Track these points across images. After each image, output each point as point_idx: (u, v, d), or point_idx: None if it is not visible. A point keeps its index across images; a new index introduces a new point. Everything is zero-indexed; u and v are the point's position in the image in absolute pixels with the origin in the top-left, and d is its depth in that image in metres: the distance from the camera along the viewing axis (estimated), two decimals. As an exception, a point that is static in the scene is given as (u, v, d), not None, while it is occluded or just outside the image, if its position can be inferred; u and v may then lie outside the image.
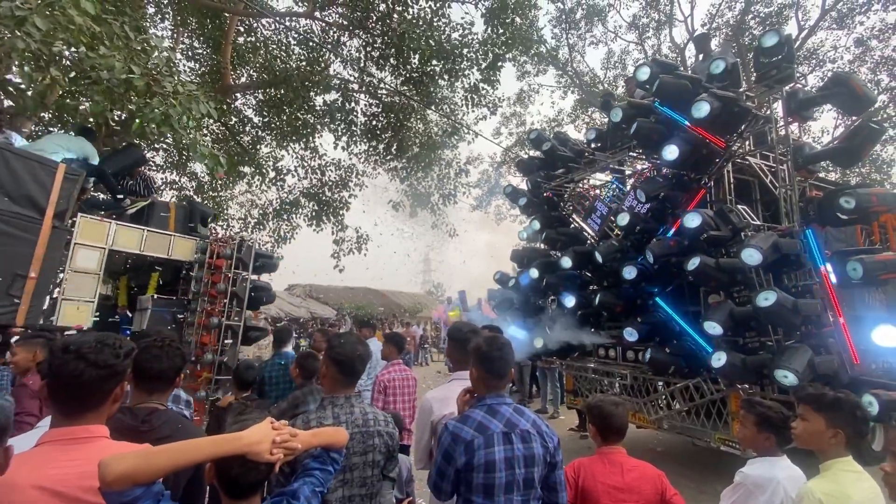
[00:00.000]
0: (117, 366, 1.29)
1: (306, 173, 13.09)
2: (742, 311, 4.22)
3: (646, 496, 1.96)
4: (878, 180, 16.23)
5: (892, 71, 15.39)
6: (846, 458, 1.74)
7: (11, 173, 4.11)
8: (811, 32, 15.77)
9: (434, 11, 10.35)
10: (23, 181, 4.17)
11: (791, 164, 4.57)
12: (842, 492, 1.63)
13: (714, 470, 5.26)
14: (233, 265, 5.80)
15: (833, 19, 15.53)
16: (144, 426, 1.61)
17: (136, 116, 5.29)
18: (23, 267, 4.13)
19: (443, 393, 2.34)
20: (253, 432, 1.22)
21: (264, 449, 1.20)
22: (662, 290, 5.25)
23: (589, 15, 17.72)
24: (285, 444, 1.26)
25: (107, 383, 1.28)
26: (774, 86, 4.68)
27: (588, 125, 17.07)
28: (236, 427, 1.27)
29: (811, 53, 16.08)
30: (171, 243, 5.81)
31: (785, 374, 3.70)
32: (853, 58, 15.74)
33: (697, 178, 5.11)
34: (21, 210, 4.14)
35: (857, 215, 4.17)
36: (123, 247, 5.34)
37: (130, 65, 4.82)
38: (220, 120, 10.88)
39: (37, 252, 4.20)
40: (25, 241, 4.15)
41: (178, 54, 10.79)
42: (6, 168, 4.08)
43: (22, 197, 4.16)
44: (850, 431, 1.74)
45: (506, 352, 1.87)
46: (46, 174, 4.35)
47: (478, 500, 1.68)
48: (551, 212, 7.08)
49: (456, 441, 1.71)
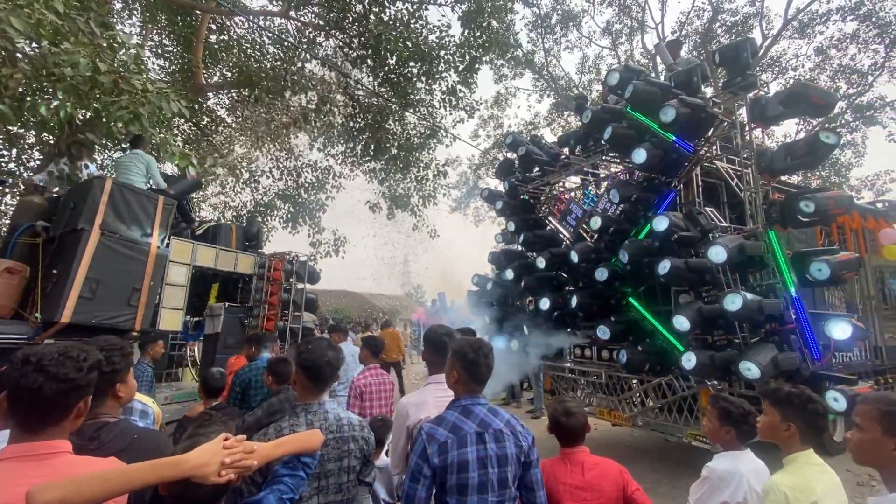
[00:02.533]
0: (79, 379, 1.22)
1: (281, 174, 12.89)
2: (710, 309, 4.35)
3: (607, 493, 1.99)
4: (837, 183, 17.04)
5: (850, 78, 16.19)
6: (808, 452, 1.80)
7: (127, 206, 4.97)
8: (774, 41, 16.46)
9: (411, 13, 10.35)
10: (135, 212, 5.06)
11: (755, 168, 4.75)
12: (805, 485, 1.69)
13: (687, 465, 5.41)
14: (289, 277, 7.06)
15: (795, 29, 16.25)
16: (92, 444, 1.48)
17: (103, 115, 5.13)
18: (137, 282, 4.99)
19: (418, 398, 2.32)
20: (199, 454, 1.15)
21: (211, 472, 1.14)
22: (635, 290, 5.37)
23: (564, 20, 18.05)
24: (237, 464, 1.19)
25: (68, 398, 1.21)
26: (739, 92, 4.86)
27: (564, 128, 17.36)
28: (188, 443, 1.21)
29: (774, 61, 16.78)
30: (237, 259, 6.92)
31: (749, 366, 3.84)
32: (813, 66, 16.51)
33: (668, 181, 5.25)
34: (135, 236, 5.05)
35: (817, 217, 4.36)
36: (202, 263, 6.31)
37: (96, 61, 4.67)
38: (191, 119, 10.61)
39: (147, 270, 5.09)
40: (138, 261, 5.05)
41: (147, 52, 10.47)
42: (123, 202, 4.93)
43: (136, 225, 5.06)
44: (801, 425, 1.80)
45: (490, 358, 1.89)
46: (151, 205, 5.25)
47: (452, 501, 1.68)
48: (527, 214, 7.16)
49: (430, 442, 1.72)
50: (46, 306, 4.44)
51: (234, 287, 7.23)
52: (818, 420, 1.82)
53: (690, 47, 17.40)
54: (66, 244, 4.68)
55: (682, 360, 4.26)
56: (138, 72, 5.24)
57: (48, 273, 4.61)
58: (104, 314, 4.67)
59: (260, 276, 7.04)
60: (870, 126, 16.77)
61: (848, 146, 17.10)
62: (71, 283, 4.39)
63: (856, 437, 1.43)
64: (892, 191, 17.39)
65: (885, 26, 14.88)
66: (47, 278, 4.59)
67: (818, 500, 1.65)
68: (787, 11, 15.84)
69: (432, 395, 2.26)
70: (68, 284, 4.39)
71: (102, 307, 4.64)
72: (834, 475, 1.79)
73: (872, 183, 17.83)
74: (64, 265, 4.54)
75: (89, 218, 4.64)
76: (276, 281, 6.96)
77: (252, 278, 7.04)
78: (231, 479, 1.18)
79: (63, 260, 4.59)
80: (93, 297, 4.53)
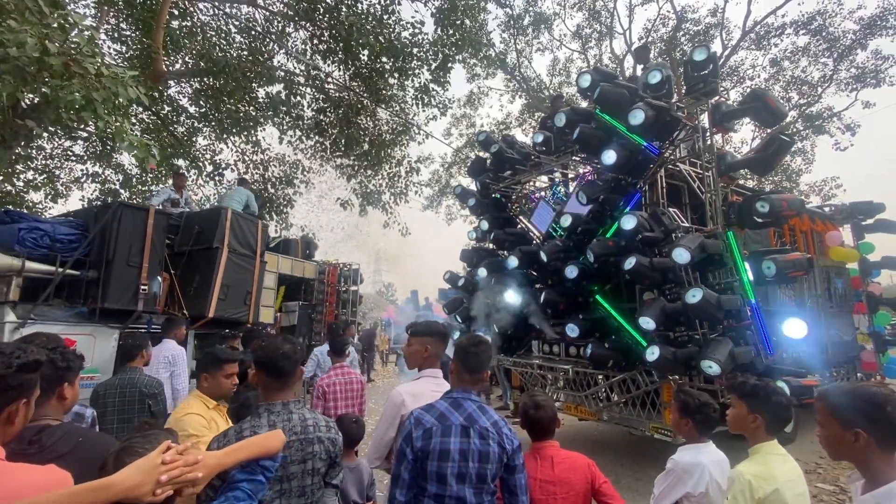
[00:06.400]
0: (8, 378, 1.10)
1: (247, 168, 12.47)
2: (673, 306, 4.51)
3: (575, 487, 2.03)
4: (788, 187, 18.02)
5: (801, 89, 17.12)
6: (772, 442, 1.87)
7: (241, 228, 6.34)
8: (733, 51, 17.21)
9: (384, 8, 10.21)
10: (245, 233, 6.42)
11: (715, 171, 4.94)
12: (768, 473, 1.76)
13: (649, 457, 5.58)
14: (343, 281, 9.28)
15: (752, 40, 17.03)
16: (32, 448, 1.36)
17: (51, 100, 4.81)
18: (249, 286, 6.38)
19: (415, 388, 2.30)
20: (129, 475, 1.03)
21: (145, 492, 1.02)
22: (602, 288, 5.50)
23: (536, 22, 18.26)
24: (177, 479, 1.08)
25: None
26: (702, 98, 5.05)
27: (535, 129, 17.58)
28: (115, 461, 1.09)
29: (733, 71, 17.55)
30: (304, 267, 8.63)
31: (710, 364, 4.00)
32: (769, 76, 17.37)
33: (634, 182, 5.39)
34: (246, 252, 6.39)
35: (771, 218, 4.59)
36: (283, 271, 7.91)
37: (45, 42, 4.36)
38: (151, 108, 10.11)
39: (254, 277, 6.47)
40: (249, 270, 6.42)
41: (103, 35, 9.91)
42: (238, 225, 6.29)
43: (246, 243, 6.41)
44: (768, 417, 1.88)
45: (481, 349, 1.95)
46: (254, 226, 6.64)
47: (431, 488, 1.72)
48: (499, 212, 7.21)
49: (416, 426, 1.78)
50: (193, 305, 5.79)
51: (297, 289, 8.75)
52: (782, 411, 1.90)
53: (656, 54, 17.97)
54: (202, 258, 5.98)
55: (645, 353, 4.39)
56: (92, 55, 4.93)
57: (188, 279, 5.93)
58: (231, 311, 6.04)
59: (320, 280, 8.90)
60: (818, 135, 17.80)
61: (798, 153, 18.10)
62: (213, 287, 5.80)
63: (821, 435, 1.45)
64: (837, 196, 18.54)
65: (833, 41, 15.80)
66: (188, 284, 5.90)
67: (780, 488, 1.71)
68: (746, 23, 16.60)
69: (427, 387, 2.27)
70: (211, 289, 5.78)
71: (230, 305, 6.03)
72: (795, 465, 1.87)
73: (820, 188, 18.93)
74: (203, 275, 5.90)
75: (220, 239, 5.99)
76: (332, 284, 9.00)
77: (314, 282, 8.85)
78: (168, 494, 1.07)
79: (201, 271, 5.94)
80: (225, 298, 5.94)
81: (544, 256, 5.70)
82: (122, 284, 5.18)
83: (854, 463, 1.38)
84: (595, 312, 5.56)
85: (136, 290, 5.27)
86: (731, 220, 4.83)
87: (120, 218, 5.31)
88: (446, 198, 20.89)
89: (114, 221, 5.28)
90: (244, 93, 10.36)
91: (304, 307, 8.47)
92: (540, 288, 6.19)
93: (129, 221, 5.39)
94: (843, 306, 7.22)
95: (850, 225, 7.69)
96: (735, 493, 1.76)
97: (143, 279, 5.34)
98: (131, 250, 5.33)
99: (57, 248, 5.06)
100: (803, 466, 5.14)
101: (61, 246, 5.13)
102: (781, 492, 1.71)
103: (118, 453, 1.12)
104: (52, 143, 11.09)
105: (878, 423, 1.29)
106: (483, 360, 1.94)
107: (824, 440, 1.44)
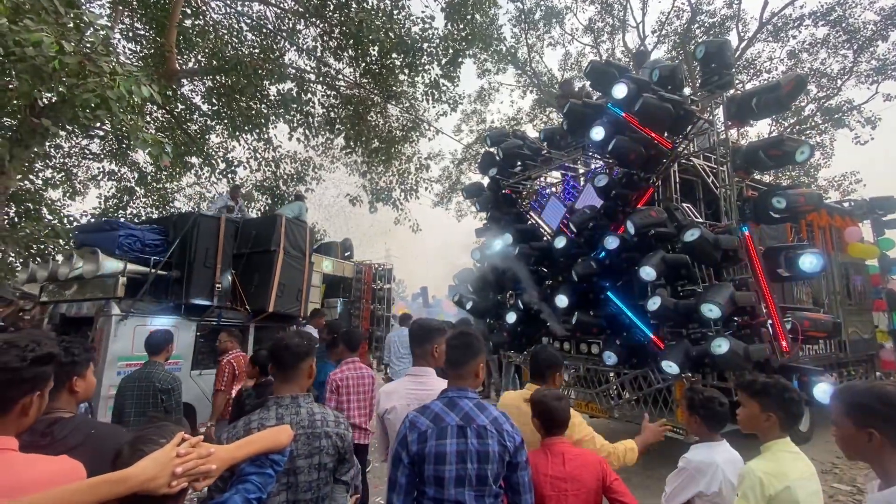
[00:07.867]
0: (22, 371, 1.11)
1: (259, 165, 12.59)
2: (686, 304, 4.43)
3: (587, 484, 2.00)
4: (806, 183, 17.61)
5: (819, 82, 16.70)
6: (784, 440, 1.84)
7: (293, 233, 7.06)
8: (750, 44, 16.84)
9: (394, 4, 10.19)
10: (296, 237, 7.12)
11: (730, 166, 4.84)
12: (780, 470, 1.73)
13: (661, 455, 5.51)
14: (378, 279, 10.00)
15: (769, 32, 16.64)
16: (44, 440, 1.38)
17: (67, 99, 4.89)
18: (300, 284, 7.10)
19: (391, 386, 2.34)
20: (144, 467, 1.04)
21: (160, 484, 1.04)
22: (614, 284, 5.43)
23: (547, 16, 18.06)
24: (191, 472, 1.09)
25: (9, 390, 1.11)
26: (716, 91, 4.94)
27: (546, 124, 17.43)
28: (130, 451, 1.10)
29: (749, 63, 17.18)
30: (343, 267, 9.49)
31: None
32: (786, 69, 16.96)
33: (646, 177, 5.31)
34: (297, 253, 7.11)
35: (788, 214, 4.49)
36: (327, 271, 8.73)
37: (61, 42, 4.43)
38: (164, 106, 10.24)
39: (305, 276, 7.20)
40: (299, 270, 7.13)
41: (117, 34, 10.04)
42: (290, 230, 7.02)
43: (297, 246, 7.12)
44: (781, 414, 1.85)
45: (462, 341, 1.90)
46: (304, 231, 7.41)
47: (430, 491, 1.66)
48: (509, 208, 7.17)
49: (411, 430, 1.72)
50: (254, 301, 6.56)
51: (336, 287, 9.45)
52: (795, 407, 1.87)
53: (670, 47, 17.68)
54: (261, 260, 6.71)
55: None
56: (106, 54, 5.00)
57: (248, 278, 6.69)
58: (287, 306, 6.76)
59: (357, 279, 9.67)
60: (838, 129, 17.35)
61: (817, 148, 17.66)
62: (272, 285, 6.50)
63: (836, 435, 1.42)
64: (857, 191, 18.05)
65: (853, 32, 15.37)
66: (248, 282, 6.68)
67: (791, 486, 1.68)
68: (763, 15, 16.23)
69: (404, 386, 2.28)
70: (270, 287, 6.49)
71: (286, 301, 6.75)
72: (809, 463, 1.83)
73: (839, 183, 18.43)
74: (262, 274, 6.65)
75: (277, 242, 6.69)
76: (368, 283, 9.75)
77: (352, 280, 9.62)
78: (184, 486, 1.09)
79: (260, 271, 6.69)
80: (282, 295, 6.61)
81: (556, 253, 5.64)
82: (201, 283, 6.16)
83: (868, 463, 1.35)
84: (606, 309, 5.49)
85: (212, 287, 6.26)
86: (747, 216, 4.73)
87: (198, 225, 6.32)
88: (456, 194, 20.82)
89: (193, 228, 6.26)
90: (256, 90, 10.44)
91: (344, 303, 9.44)
92: (551, 284, 6.16)
93: (205, 228, 6.42)
94: (862, 304, 7.06)
95: (870, 220, 7.51)
96: (745, 490, 1.73)
97: (217, 278, 6.31)
98: (207, 253, 6.33)
99: (147, 251, 6.04)
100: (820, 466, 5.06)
101: (150, 250, 6.11)
102: (793, 489, 1.68)
103: (133, 442, 1.13)
104: (69, 142, 11.31)
105: (892, 423, 1.27)
106: (464, 353, 1.86)
107: (839, 440, 1.41)
